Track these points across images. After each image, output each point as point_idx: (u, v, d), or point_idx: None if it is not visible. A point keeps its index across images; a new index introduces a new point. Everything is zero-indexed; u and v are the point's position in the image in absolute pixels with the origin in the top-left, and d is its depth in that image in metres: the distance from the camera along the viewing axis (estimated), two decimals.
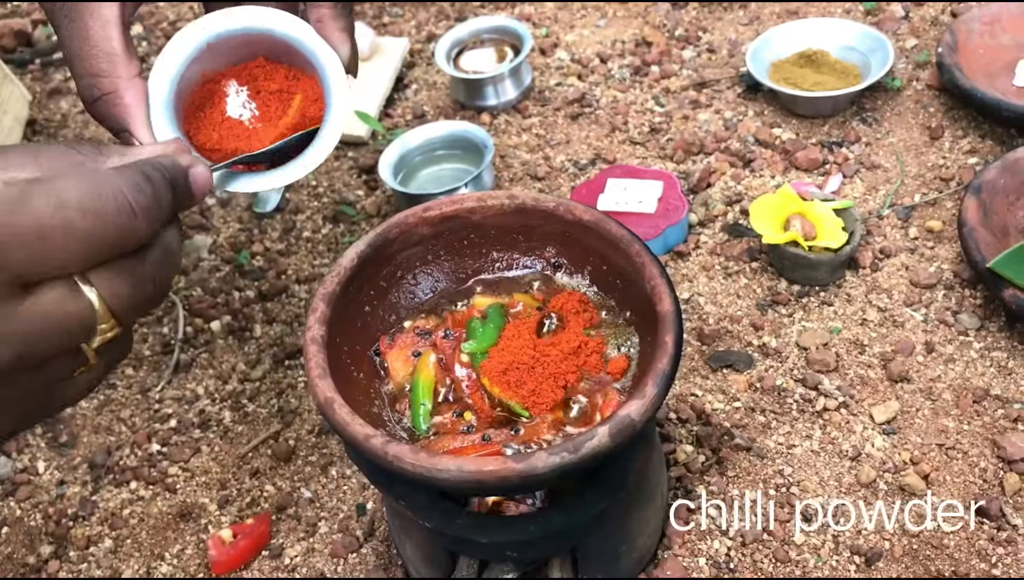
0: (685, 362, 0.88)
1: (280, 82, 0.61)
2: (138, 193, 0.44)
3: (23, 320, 0.42)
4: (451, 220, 0.70)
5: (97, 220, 0.42)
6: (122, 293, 0.45)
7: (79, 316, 0.43)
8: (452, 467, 0.55)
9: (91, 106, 0.56)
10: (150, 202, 0.44)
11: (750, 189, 1.02)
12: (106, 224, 0.42)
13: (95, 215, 0.42)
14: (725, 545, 0.74)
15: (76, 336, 0.44)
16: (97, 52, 0.55)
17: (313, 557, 0.79)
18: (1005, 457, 0.77)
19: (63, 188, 0.41)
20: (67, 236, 0.41)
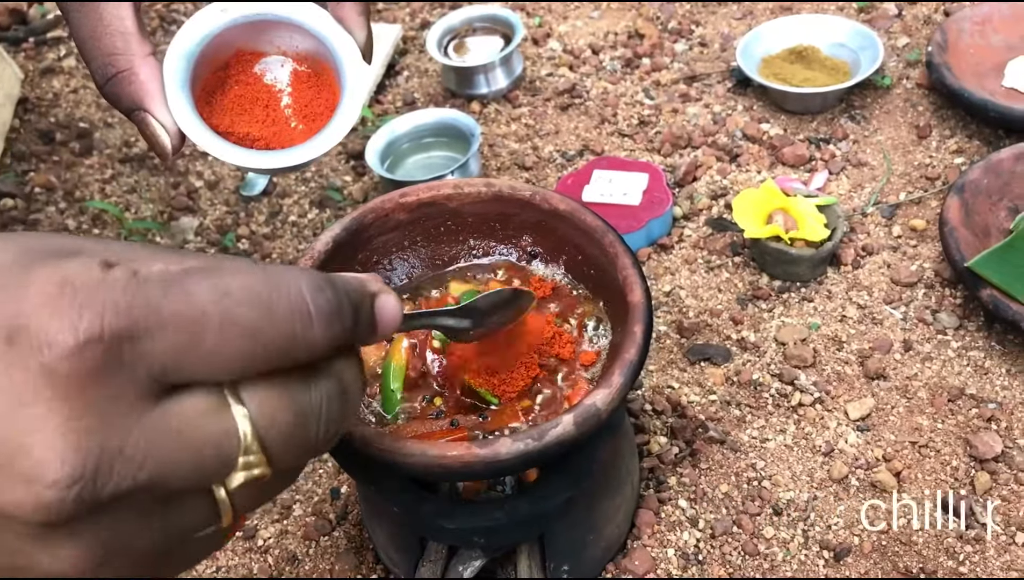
0: (663, 354, 0.88)
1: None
2: (319, 294, 0.34)
3: (153, 430, 0.31)
4: (428, 206, 0.70)
5: (266, 316, 0.33)
6: (280, 421, 0.34)
7: (217, 439, 0.33)
8: (416, 452, 0.55)
9: (105, 86, 0.56)
10: (332, 309, 0.34)
11: (736, 184, 1.03)
12: (276, 323, 0.33)
13: (264, 309, 0.33)
14: (695, 537, 0.75)
15: (214, 467, 0.33)
16: (111, 31, 0.54)
17: (286, 539, 0.79)
18: (977, 456, 0.77)
19: (231, 276, 0.33)
20: (226, 330, 0.32)
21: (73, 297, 0.30)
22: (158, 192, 1.13)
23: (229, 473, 0.33)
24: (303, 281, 0.34)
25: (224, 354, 0.32)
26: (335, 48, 0.59)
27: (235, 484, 0.33)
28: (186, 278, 0.32)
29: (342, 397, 0.36)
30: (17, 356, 0.30)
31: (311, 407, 0.35)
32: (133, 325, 0.31)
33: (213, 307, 0.32)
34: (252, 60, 0.62)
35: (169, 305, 0.31)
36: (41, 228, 1.09)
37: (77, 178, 1.16)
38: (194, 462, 0.32)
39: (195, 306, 0.31)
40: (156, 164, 1.17)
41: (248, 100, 0.60)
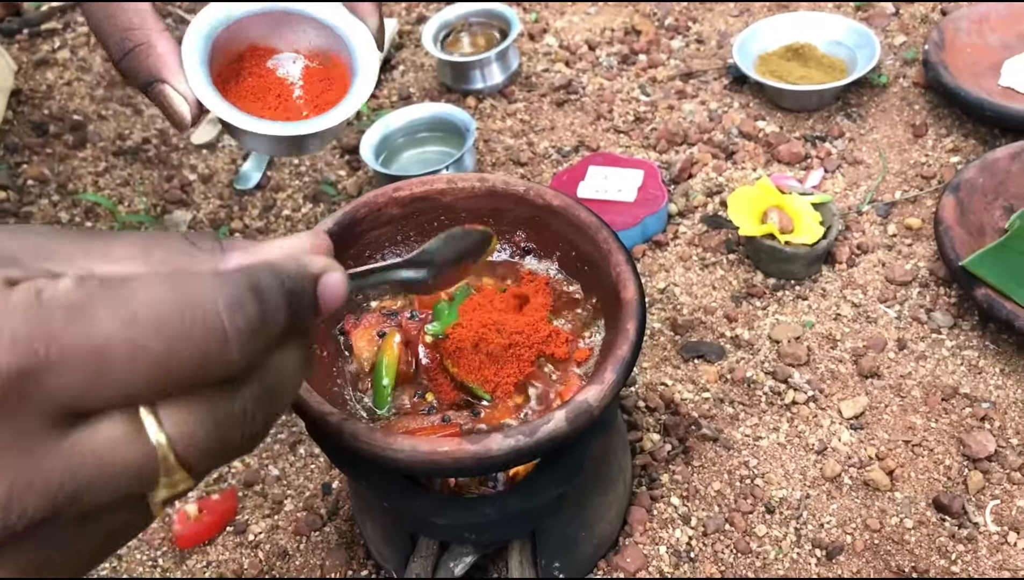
0: (657, 351, 0.88)
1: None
2: (237, 313, 0.32)
3: (65, 460, 0.31)
4: (421, 201, 0.70)
5: (175, 343, 0.31)
6: (197, 436, 0.33)
7: (136, 464, 0.32)
8: (407, 447, 0.55)
9: (122, 61, 0.56)
10: (252, 325, 0.33)
11: (731, 181, 1.02)
12: (187, 349, 0.31)
13: (173, 337, 0.31)
14: (687, 534, 0.74)
15: (130, 487, 0.32)
16: (126, 8, 0.56)
17: (277, 534, 0.79)
18: (970, 455, 0.77)
19: (140, 297, 0.31)
20: (133, 360, 0.30)
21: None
22: (152, 185, 1.12)
23: (152, 490, 0.33)
24: (220, 298, 0.32)
25: (133, 382, 0.31)
26: (348, 35, 0.61)
27: (159, 498, 0.33)
28: (90, 304, 0.30)
29: (270, 397, 0.35)
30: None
31: (233, 418, 0.34)
32: (34, 361, 0.29)
33: (118, 337, 0.30)
34: (265, 55, 0.63)
35: (71, 338, 0.30)
36: (34, 221, 1.09)
37: (70, 171, 1.15)
38: (113, 486, 0.32)
39: (98, 337, 0.30)
40: (150, 157, 1.16)
41: (261, 90, 0.61)
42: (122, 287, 0.31)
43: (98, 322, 0.30)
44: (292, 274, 0.35)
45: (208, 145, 1.17)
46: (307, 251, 0.39)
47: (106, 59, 1.31)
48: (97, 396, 0.31)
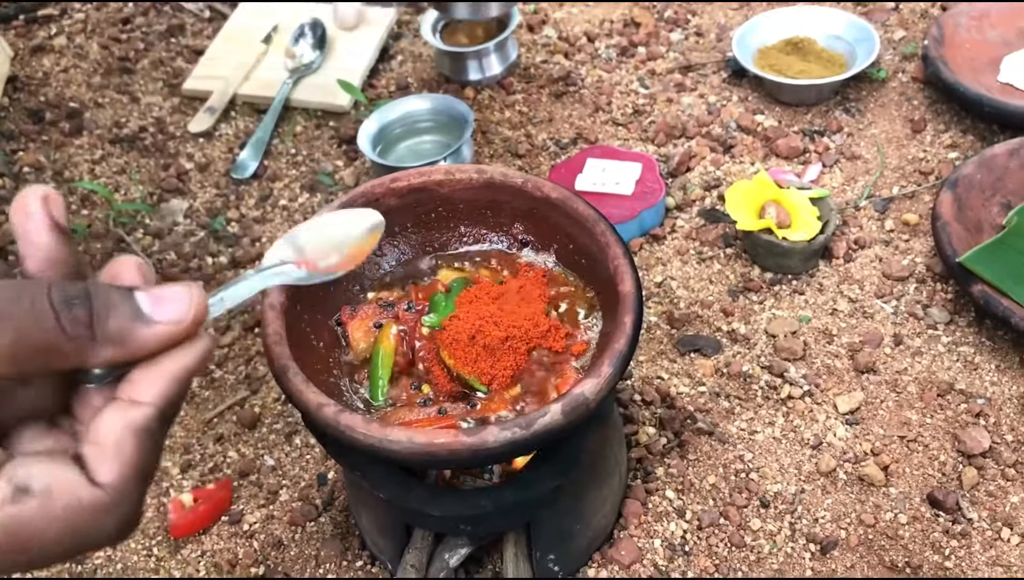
0: (653, 345, 0.88)
1: None
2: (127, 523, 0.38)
3: None
4: (419, 192, 0.70)
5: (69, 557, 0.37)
6: None
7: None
8: (403, 439, 0.55)
9: None
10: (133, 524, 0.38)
11: (729, 175, 1.02)
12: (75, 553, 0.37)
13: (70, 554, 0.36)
14: (681, 528, 0.74)
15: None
16: None
17: (272, 524, 0.79)
18: (965, 451, 0.77)
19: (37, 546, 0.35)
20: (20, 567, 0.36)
21: None
22: (148, 173, 1.12)
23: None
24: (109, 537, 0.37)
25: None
26: None
27: None
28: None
29: None
30: None
31: None
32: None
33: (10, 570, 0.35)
34: None
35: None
36: None
37: (67, 158, 1.15)
38: None
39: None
40: (147, 145, 1.16)
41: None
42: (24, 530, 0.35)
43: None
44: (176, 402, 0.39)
45: (205, 134, 1.16)
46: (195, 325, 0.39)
47: (103, 46, 1.30)
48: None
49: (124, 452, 0.37)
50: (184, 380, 0.39)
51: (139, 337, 0.37)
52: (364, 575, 0.74)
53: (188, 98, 1.22)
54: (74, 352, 0.36)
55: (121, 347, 0.37)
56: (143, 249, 1.03)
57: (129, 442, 0.37)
